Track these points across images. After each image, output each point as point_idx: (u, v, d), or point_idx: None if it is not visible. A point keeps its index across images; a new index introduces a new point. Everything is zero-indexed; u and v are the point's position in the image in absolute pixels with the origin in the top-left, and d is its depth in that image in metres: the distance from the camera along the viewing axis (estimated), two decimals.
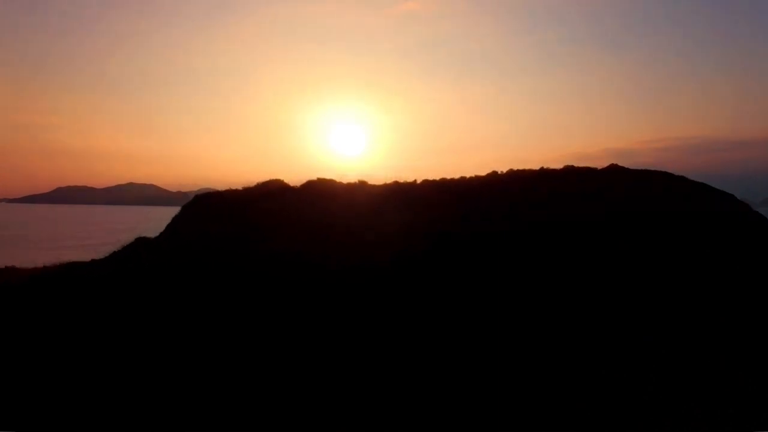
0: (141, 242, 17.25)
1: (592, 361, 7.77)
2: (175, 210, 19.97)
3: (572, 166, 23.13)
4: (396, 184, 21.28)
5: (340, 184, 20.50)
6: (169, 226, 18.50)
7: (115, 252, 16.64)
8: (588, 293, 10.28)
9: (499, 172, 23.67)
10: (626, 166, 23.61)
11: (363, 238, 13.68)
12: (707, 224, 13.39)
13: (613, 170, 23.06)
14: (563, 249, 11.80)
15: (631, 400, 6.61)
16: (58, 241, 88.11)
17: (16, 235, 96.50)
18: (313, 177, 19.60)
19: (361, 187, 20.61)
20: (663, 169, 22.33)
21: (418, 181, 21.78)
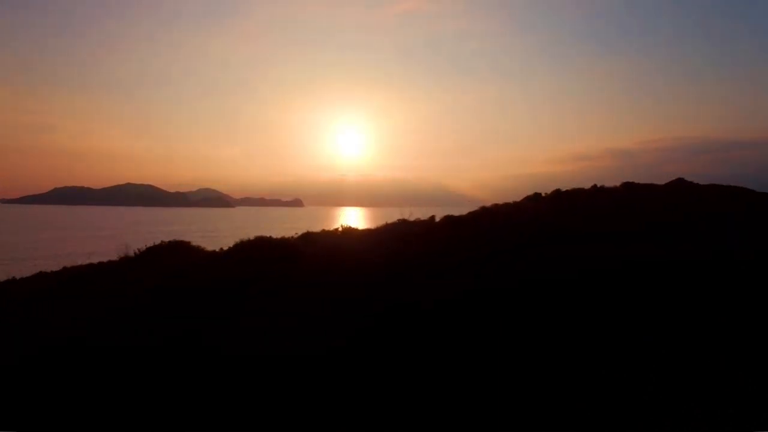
0: None
1: (592, 360, 7.77)
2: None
3: (631, 183, 20.50)
4: (402, 222, 15.46)
5: (298, 251, 12.89)
6: None
7: None
8: (588, 293, 10.27)
9: (544, 195, 19.46)
10: (690, 180, 20.86)
11: None
12: None
13: (679, 186, 20.23)
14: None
15: (631, 400, 6.60)
16: None
17: None
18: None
19: (341, 245, 13.30)
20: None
21: (437, 218, 15.93)
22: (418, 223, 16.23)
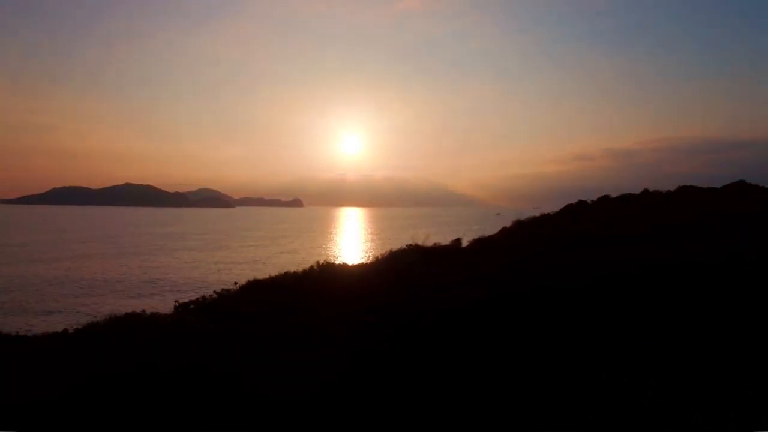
0: None
1: (593, 364, 7.77)
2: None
3: (690, 186, 19.37)
4: (414, 250, 11.20)
5: None
6: None
7: None
8: (590, 297, 10.27)
9: (589, 202, 18.69)
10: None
11: None
12: None
13: (735, 189, 19.04)
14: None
15: (632, 404, 6.60)
16: None
17: None
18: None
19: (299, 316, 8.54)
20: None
21: (465, 243, 12.91)
22: (439, 251, 10.97)
